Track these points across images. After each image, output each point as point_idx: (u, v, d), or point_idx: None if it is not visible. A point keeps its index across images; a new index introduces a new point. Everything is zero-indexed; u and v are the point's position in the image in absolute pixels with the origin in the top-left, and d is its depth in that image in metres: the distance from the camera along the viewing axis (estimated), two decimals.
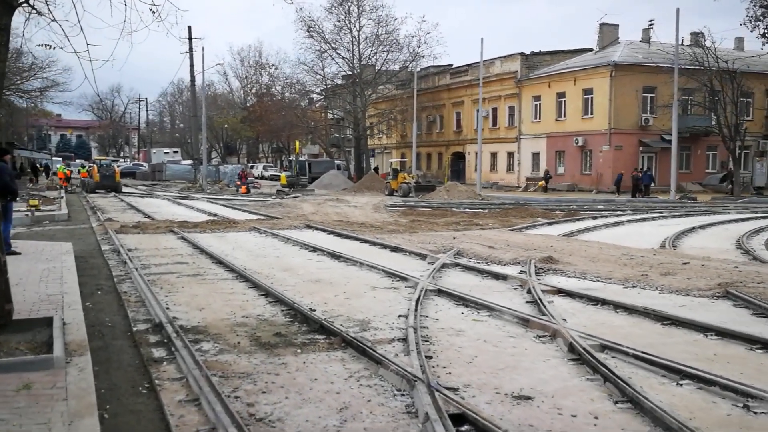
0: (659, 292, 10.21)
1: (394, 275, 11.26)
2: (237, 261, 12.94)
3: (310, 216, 25.23)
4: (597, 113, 46.05)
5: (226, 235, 18.06)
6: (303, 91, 68.13)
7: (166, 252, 14.34)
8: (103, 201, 33.42)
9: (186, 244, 15.79)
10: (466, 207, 31.69)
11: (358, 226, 21.23)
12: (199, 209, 27.94)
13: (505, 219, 25.64)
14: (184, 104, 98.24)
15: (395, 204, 32.32)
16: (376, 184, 49.54)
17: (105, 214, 25.18)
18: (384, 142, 70.08)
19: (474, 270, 12.00)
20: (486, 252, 13.87)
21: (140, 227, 18.82)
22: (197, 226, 19.71)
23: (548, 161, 50.64)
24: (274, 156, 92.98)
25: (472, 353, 6.92)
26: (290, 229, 19.53)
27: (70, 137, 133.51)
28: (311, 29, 58.87)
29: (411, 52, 58.86)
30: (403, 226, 21.91)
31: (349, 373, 6.23)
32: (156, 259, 13.31)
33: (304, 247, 15.25)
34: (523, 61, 53.32)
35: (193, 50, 51.56)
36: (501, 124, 55.50)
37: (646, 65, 44.65)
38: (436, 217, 26.79)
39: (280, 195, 41.20)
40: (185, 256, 13.80)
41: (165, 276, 11.32)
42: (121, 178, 65.81)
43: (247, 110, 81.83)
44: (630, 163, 44.98)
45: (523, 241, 15.82)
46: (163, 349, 6.94)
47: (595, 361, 6.25)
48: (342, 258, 13.25)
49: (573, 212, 28.15)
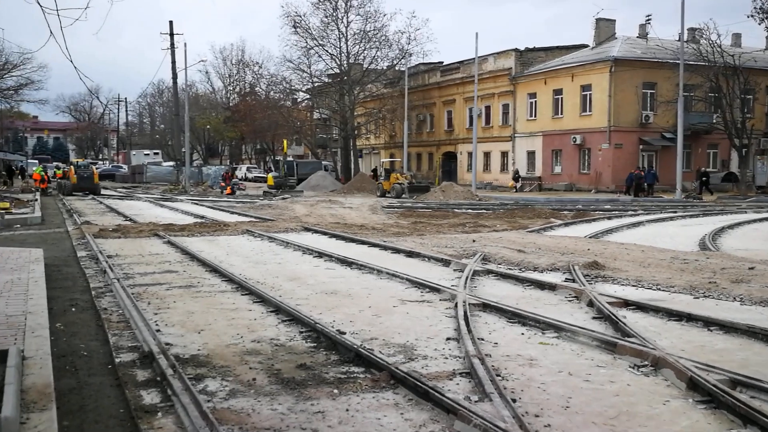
0: (741, 303, 8.64)
1: (422, 285, 9.60)
2: (234, 269, 11.24)
3: (304, 218, 23.54)
4: (596, 110, 44.67)
5: (218, 239, 16.32)
6: (288, 90, 66.25)
7: (151, 259, 12.59)
8: (81, 204, 31.44)
9: (173, 249, 14.05)
10: (466, 208, 30.12)
11: (358, 229, 19.58)
12: (184, 211, 26.11)
13: (512, 220, 24.11)
14: (165, 105, 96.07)
15: (392, 205, 30.67)
16: (367, 185, 47.86)
17: (82, 217, 23.28)
18: (372, 143, 68.40)
19: (511, 278, 10.37)
20: (516, 257, 12.25)
21: (121, 231, 17.01)
22: (184, 229, 17.93)
23: (544, 160, 49.21)
24: (258, 157, 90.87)
25: (561, 392, 5.29)
26: (287, 232, 17.82)
27: (48, 139, 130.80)
28: (297, 25, 57.17)
29: (400, 49, 57.35)
30: (406, 228, 20.28)
31: (413, 428, 4.56)
32: (140, 267, 11.56)
33: (308, 251, 13.55)
34: (517, 57, 51.83)
35: (175, 46, 49.51)
36: (494, 122, 54.01)
37: (647, 60, 43.42)
38: (437, 218, 25.21)
39: (268, 196, 39.41)
40: (174, 263, 12.06)
41: (152, 288, 9.59)
42: (100, 180, 64.51)
43: (230, 110, 79.75)
44: (630, 161, 43.63)
45: (552, 244, 14.21)
46: (156, 392, 5.24)
47: (744, 407, 4.62)
48: (354, 264, 11.57)
49: (582, 213, 26.66)
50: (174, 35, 49.39)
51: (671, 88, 43.95)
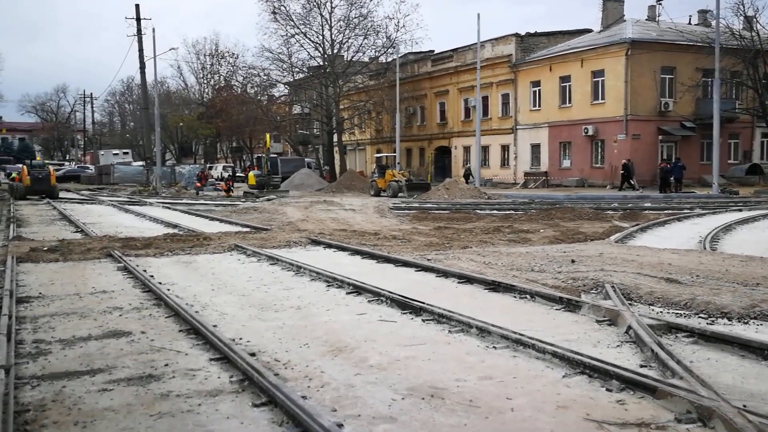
0: None
1: (584, 367, 5.15)
2: (227, 324, 6.76)
3: (301, 224, 19.04)
4: (609, 98, 40.52)
5: (197, 260, 11.73)
6: (267, 83, 61.36)
7: (92, 303, 7.99)
8: (30, 210, 26.50)
9: (130, 281, 9.45)
10: (486, 208, 25.75)
11: (375, 239, 15.15)
12: (153, 218, 21.39)
13: (552, 222, 19.92)
14: (135, 103, 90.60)
15: (399, 206, 26.20)
16: (357, 183, 43.36)
17: (22, 227, 18.53)
18: (357, 138, 63.83)
19: (722, 341, 5.89)
20: (672, 291, 7.77)
21: (62, 250, 12.31)
22: (150, 244, 13.31)
23: (551, 154, 44.98)
24: (234, 155, 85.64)
25: None
26: (290, 247, 13.29)
27: (13, 141, 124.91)
28: (277, 11, 52.48)
29: (388, 37, 52.90)
30: (433, 236, 15.91)
31: None
32: (69, 323, 6.97)
33: (332, 282, 9.06)
34: (518, 43, 47.55)
35: (142, 33, 44.53)
36: (493, 114, 49.67)
37: (666, 42, 39.39)
38: (459, 221, 20.89)
39: (250, 198, 34.69)
40: (127, 312, 7.48)
41: (73, 390, 5.00)
42: (64, 181, 59.09)
43: (204, 106, 74.62)
44: (649, 153, 39.68)
45: (693, 263, 9.71)
46: None
47: None
48: (423, 311, 7.08)
49: (631, 213, 22.47)
50: (141, 20, 44.47)
51: (691, 73, 40.14)
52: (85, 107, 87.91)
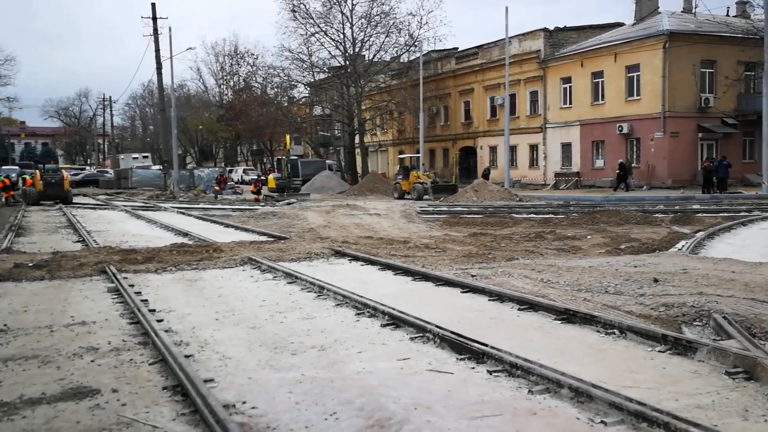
0: None
1: None
2: (229, 374, 5.11)
3: (322, 231, 17.43)
4: (645, 94, 38.39)
5: (203, 277, 10.11)
6: (287, 84, 59.83)
7: (63, 341, 6.36)
8: (39, 216, 25.12)
9: (119, 308, 7.82)
10: (523, 212, 23.95)
11: (405, 248, 13.49)
12: (164, 225, 19.86)
13: (598, 227, 18.10)
14: (155, 106, 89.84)
15: (426, 210, 24.48)
16: (380, 186, 41.81)
17: (21, 236, 17.07)
18: (379, 139, 62.14)
19: None
20: None
21: (50, 266, 10.73)
22: (153, 258, 11.71)
23: (583, 153, 42.91)
24: (255, 158, 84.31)
25: None
26: (310, 260, 11.63)
27: (36, 145, 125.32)
28: (296, 10, 50.93)
29: (410, 34, 51.13)
30: (470, 245, 14.18)
31: None
32: (24, 374, 5.34)
33: (362, 308, 7.37)
34: (546, 38, 45.55)
35: (158, 32, 43.22)
36: (521, 112, 47.68)
37: (707, 34, 37.23)
38: (494, 226, 19.15)
39: (270, 201, 33.20)
40: (102, 356, 5.82)
41: None
42: (83, 186, 58.05)
43: (224, 108, 73.39)
44: (688, 152, 37.51)
45: None
46: None
47: None
48: (484, 355, 5.36)
49: (684, 216, 20.54)
50: (157, 19, 43.18)
51: (733, 66, 37.98)
52: (104, 111, 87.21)
